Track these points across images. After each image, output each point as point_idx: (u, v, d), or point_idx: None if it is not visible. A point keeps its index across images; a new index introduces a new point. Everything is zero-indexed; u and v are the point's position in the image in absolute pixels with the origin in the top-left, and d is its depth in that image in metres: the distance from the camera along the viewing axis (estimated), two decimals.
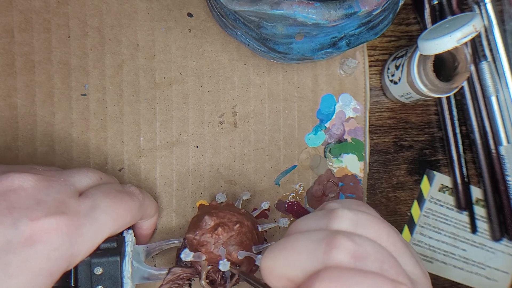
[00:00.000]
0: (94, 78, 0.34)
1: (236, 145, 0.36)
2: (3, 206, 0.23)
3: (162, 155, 0.35)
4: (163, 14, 0.35)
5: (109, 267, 0.27)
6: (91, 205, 0.26)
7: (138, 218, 0.30)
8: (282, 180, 0.36)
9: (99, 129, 0.34)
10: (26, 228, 0.23)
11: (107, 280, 0.27)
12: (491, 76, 0.37)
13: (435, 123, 0.39)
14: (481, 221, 0.40)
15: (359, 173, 0.37)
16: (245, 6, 0.24)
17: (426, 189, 0.39)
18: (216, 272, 0.29)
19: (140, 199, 0.30)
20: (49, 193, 0.25)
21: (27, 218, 0.23)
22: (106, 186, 0.29)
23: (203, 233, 0.29)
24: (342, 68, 0.37)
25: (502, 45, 0.37)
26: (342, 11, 0.24)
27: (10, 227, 0.23)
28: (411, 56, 0.34)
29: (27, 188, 0.25)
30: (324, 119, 0.37)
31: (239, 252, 0.28)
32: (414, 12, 0.38)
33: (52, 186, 0.26)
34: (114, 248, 0.28)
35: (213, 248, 0.28)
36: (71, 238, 0.24)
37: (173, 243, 0.32)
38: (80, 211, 0.25)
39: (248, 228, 0.30)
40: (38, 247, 0.23)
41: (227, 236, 0.29)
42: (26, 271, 0.23)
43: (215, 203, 0.32)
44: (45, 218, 0.23)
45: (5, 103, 0.34)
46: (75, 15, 0.34)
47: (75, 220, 0.25)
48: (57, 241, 0.24)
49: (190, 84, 0.35)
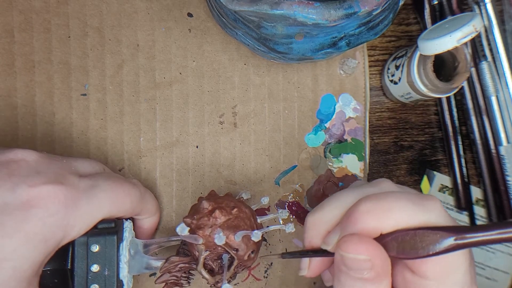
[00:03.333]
0: (94, 78, 0.34)
1: (236, 145, 0.36)
2: (4, 172, 0.24)
3: (162, 155, 0.35)
4: (163, 14, 0.35)
5: (106, 246, 0.27)
6: (91, 184, 0.27)
7: (138, 210, 0.30)
8: (282, 180, 0.36)
9: (99, 129, 0.34)
10: (23, 192, 0.23)
11: (103, 259, 0.27)
12: (491, 76, 0.37)
13: (435, 123, 0.39)
14: (481, 221, 0.40)
15: (359, 173, 0.37)
16: (245, 6, 0.24)
17: (426, 189, 0.39)
18: (214, 261, 0.29)
19: (141, 190, 0.30)
20: (50, 167, 0.26)
21: (25, 184, 0.24)
22: (108, 173, 0.29)
23: (200, 216, 0.28)
24: (342, 68, 0.37)
25: (502, 45, 0.37)
26: (342, 11, 0.24)
27: (8, 191, 0.23)
28: (411, 56, 0.34)
29: (29, 161, 0.25)
30: (324, 119, 0.37)
31: (236, 233, 0.28)
32: (414, 12, 0.38)
33: (53, 163, 0.26)
34: (112, 227, 0.28)
35: (210, 231, 0.28)
36: (68, 207, 0.25)
37: (172, 240, 0.32)
38: (79, 186, 0.26)
39: (246, 215, 0.29)
40: (34, 211, 0.23)
41: (224, 219, 0.28)
42: (20, 233, 0.23)
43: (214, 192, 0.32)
44: (43, 185, 0.24)
45: (5, 103, 0.34)
46: (75, 15, 0.34)
47: (73, 192, 0.25)
48: (53, 208, 0.24)
49: (190, 84, 0.35)
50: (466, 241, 0.19)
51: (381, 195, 0.22)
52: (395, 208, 0.21)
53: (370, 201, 0.22)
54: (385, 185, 0.25)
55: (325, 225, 0.24)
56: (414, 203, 0.22)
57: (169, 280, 0.30)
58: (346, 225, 0.22)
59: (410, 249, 0.20)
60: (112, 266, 0.27)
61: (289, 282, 0.36)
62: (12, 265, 0.23)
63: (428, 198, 0.22)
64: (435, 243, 0.20)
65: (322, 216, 0.24)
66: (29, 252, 0.23)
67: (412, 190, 0.25)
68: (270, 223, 0.36)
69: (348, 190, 0.25)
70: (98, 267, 0.27)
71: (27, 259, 0.23)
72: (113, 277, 0.28)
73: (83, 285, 0.27)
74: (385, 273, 0.21)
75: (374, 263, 0.21)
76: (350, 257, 0.21)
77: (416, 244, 0.20)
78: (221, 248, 0.28)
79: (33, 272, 0.24)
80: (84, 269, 0.27)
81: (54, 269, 0.26)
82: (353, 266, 0.21)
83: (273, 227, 0.30)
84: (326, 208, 0.25)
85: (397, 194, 0.22)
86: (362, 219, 0.22)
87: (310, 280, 0.36)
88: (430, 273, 0.21)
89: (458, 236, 0.19)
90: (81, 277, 0.27)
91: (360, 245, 0.21)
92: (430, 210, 0.21)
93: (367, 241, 0.21)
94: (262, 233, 0.28)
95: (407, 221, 0.21)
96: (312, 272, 0.26)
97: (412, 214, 0.21)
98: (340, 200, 0.24)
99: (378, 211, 0.21)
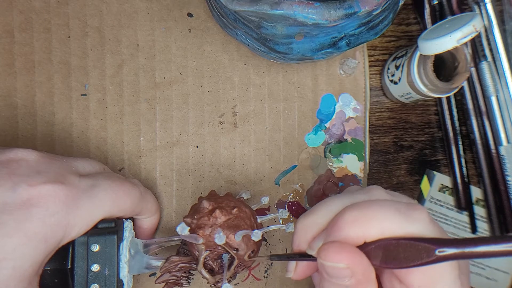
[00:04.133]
0: (94, 78, 0.34)
1: (236, 145, 0.36)
2: (4, 172, 0.24)
3: (162, 155, 0.35)
4: (163, 14, 0.35)
5: (106, 245, 0.27)
6: (91, 183, 0.27)
7: (138, 210, 0.30)
8: (282, 180, 0.36)
9: (99, 129, 0.34)
10: (24, 192, 0.23)
11: (103, 259, 0.27)
12: (491, 76, 0.37)
13: (435, 123, 0.39)
14: (481, 221, 0.40)
15: (359, 173, 0.37)
16: (245, 6, 0.24)
17: (426, 189, 0.39)
18: (214, 261, 0.29)
19: (141, 190, 0.30)
20: (50, 167, 0.26)
21: (26, 184, 0.24)
22: (109, 173, 0.29)
23: (200, 216, 0.28)
24: (342, 68, 0.37)
25: (502, 45, 0.37)
26: (342, 11, 0.24)
27: (9, 190, 0.23)
28: (411, 56, 0.34)
29: (29, 160, 0.25)
30: (324, 119, 0.37)
31: (236, 233, 0.28)
32: (414, 12, 0.38)
33: (53, 162, 0.26)
34: (112, 227, 0.28)
35: (210, 231, 0.28)
36: (68, 207, 0.25)
37: (172, 240, 0.32)
38: (79, 186, 0.26)
39: (246, 215, 0.29)
40: (34, 210, 0.23)
41: (224, 219, 0.28)
42: (20, 233, 0.23)
43: (214, 192, 0.32)
44: (44, 185, 0.24)
45: (5, 103, 0.34)
46: (75, 15, 0.34)
47: (74, 191, 0.25)
48: (53, 207, 0.24)
49: (190, 84, 0.35)
50: (448, 253, 0.19)
51: (367, 203, 0.22)
52: (379, 217, 0.21)
53: (355, 209, 0.22)
54: (376, 192, 0.25)
55: (312, 230, 0.24)
56: (400, 213, 0.22)
57: (169, 280, 0.30)
58: (331, 232, 0.22)
59: (392, 259, 0.20)
60: (112, 266, 0.27)
61: (289, 282, 0.36)
62: (12, 264, 0.23)
63: (415, 208, 0.22)
64: (417, 255, 0.20)
65: (310, 221, 0.25)
66: (29, 252, 0.23)
67: (404, 198, 0.25)
68: (270, 223, 0.36)
69: (338, 196, 0.25)
70: (98, 267, 0.27)
71: (27, 259, 0.23)
72: (113, 276, 0.28)
73: (83, 285, 0.27)
74: (367, 280, 0.21)
75: (354, 271, 0.21)
76: (329, 265, 0.21)
77: (398, 254, 0.20)
78: (221, 247, 0.28)
79: (33, 271, 0.24)
80: (84, 269, 0.27)
81: (54, 269, 0.26)
82: (333, 274, 0.21)
83: (273, 227, 0.30)
84: (315, 214, 0.25)
85: (384, 202, 0.22)
86: (346, 227, 0.22)
87: (311, 280, 0.36)
88: (415, 283, 0.21)
89: (440, 248, 0.19)
90: (81, 277, 0.27)
91: (338, 254, 0.21)
92: (416, 220, 0.21)
93: (347, 249, 0.21)
94: (262, 232, 0.28)
95: (392, 231, 0.21)
96: (298, 275, 0.26)
97: (397, 224, 0.21)
98: (328, 206, 0.24)
99: (362, 220, 0.22)
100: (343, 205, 0.24)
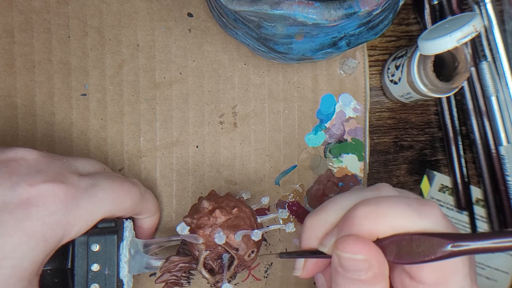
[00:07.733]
0: (94, 78, 0.34)
1: (236, 145, 0.36)
2: (4, 171, 0.24)
3: (162, 155, 0.35)
4: (163, 14, 0.35)
5: (106, 245, 0.27)
6: (91, 183, 0.27)
7: (138, 209, 0.30)
8: (282, 180, 0.36)
9: (99, 129, 0.34)
10: (23, 191, 0.23)
11: (103, 259, 0.27)
12: (491, 76, 0.37)
13: (435, 123, 0.39)
14: (481, 221, 0.40)
15: (359, 173, 0.37)
16: (245, 6, 0.24)
17: (426, 189, 0.39)
18: (214, 261, 0.29)
19: (141, 190, 0.30)
20: (50, 166, 0.26)
21: (25, 183, 0.24)
22: (109, 172, 0.29)
23: (200, 216, 0.28)
24: (342, 68, 0.37)
25: (502, 45, 0.37)
26: (342, 11, 0.24)
27: (8, 189, 0.23)
28: (411, 56, 0.34)
29: (29, 160, 0.25)
30: (324, 119, 0.37)
31: (236, 233, 0.28)
32: (414, 12, 0.39)
33: (53, 162, 0.26)
34: (112, 227, 0.28)
35: (210, 231, 0.28)
36: (68, 206, 0.25)
37: (172, 240, 0.32)
38: (79, 185, 0.26)
39: (246, 214, 0.29)
40: (34, 210, 0.23)
41: (224, 219, 0.28)
42: (20, 232, 0.23)
43: (214, 192, 0.32)
44: (43, 184, 0.24)
45: (5, 103, 0.34)
46: (75, 15, 0.34)
47: (73, 191, 0.25)
48: (53, 206, 0.24)
49: (190, 84, 0.35)
50: (462, 249, 0.19)
51: (379, 199, 0.23)
52: (391, 213, 0.21)
53: (367, 206, 0.22)
54: (385, 189, 0.25)
55: (323, 227, 0.24)
56: (412, 208, 0.22)
57: (169, 280, 0.30)
58: (343, 228, 0.22)
59: (406, 254, 0.20)
60: (112, 266, 0.27)
61: (289, 282, 0.36)
62: (12, 263, 0.23)
63: (427, 203, 0.22)
64: (431, 250, 0.20)
65: (320, 218, 0.25)
66: (29, 251, 0.23)
67: (413, 195, 0.25)
68: (270, 223, 0.36)
69: (348, 193, 0.25)
70: (98, 267, 0.27)
71: (27, 258, 0.23)
72: (113, 276, 0.28)
73: (83, 285, 0.27)
74: (382, 275, 0.21)
75: (371, 264, 0.21)
76: (347, 257, 0.21)
77: (412, 249, 0.20)
78: (221, 247, 0.28)
79: (33, 271, 0.24)
80: (84, 269, 0.27)
81: (54, 269, 0.26)
82: (350, 267, 0.21)
83: (273, 227, 0.30)
84: (325, 211, 0.25)
85: (395, 198, 0.22)
86: (359, 222, 0.22)
87: (311, 280, 0.36)
88: (427, 279, 0.21)
89: (454, 243, 0.19)
90: (81, 277, 0.27)
91: (357, 245, 0.21)
92: (428, 215, 0.21)
93: (364, 241, 0.21)
94: (262, 232, 0.28)
95: (404, 226, 0.21)
96: (306, 273, 0.26)
97: (409, 220, 0.21)
98: (339, 203, 0.25)
99: (374, 216, 0.22)
100: (353, 202, 0.24)
